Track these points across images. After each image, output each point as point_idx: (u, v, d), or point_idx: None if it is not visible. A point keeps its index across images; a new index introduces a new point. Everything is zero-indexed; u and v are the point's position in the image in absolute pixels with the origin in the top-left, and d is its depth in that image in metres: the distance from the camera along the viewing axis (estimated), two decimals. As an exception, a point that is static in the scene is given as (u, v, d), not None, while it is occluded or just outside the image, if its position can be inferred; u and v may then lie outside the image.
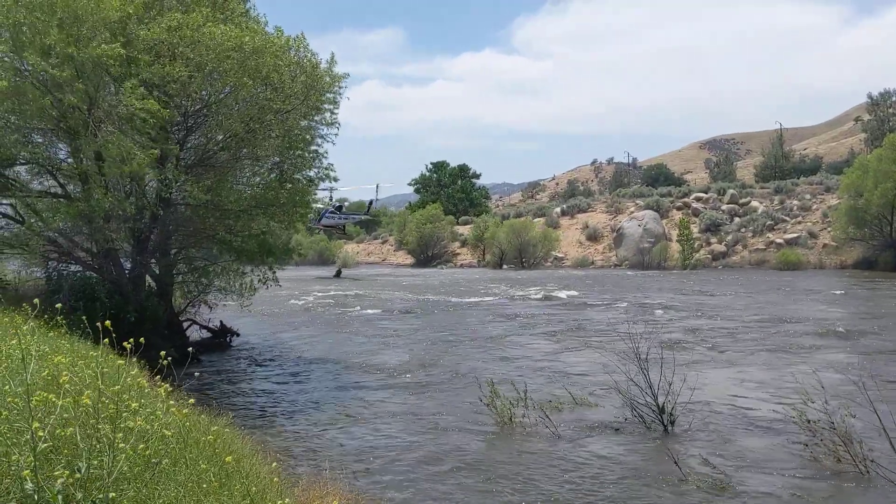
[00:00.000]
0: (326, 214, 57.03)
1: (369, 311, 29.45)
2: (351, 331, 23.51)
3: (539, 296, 34.53)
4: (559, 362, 16.79)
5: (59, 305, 4.00)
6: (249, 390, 14.79)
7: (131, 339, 3.85)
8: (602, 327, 22.37)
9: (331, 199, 55.93)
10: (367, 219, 74.62)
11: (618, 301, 30.86)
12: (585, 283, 42.15)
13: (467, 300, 33.34)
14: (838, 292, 33.20)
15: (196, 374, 8.44)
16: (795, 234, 54.27)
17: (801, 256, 51.25)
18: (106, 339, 3.85)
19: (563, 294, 34.96)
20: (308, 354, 19.13)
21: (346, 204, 67.36)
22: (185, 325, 19.36)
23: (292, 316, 28.32)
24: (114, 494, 3.00)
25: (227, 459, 3.94)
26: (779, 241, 54.37)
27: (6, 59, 13.43)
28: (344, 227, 65.74)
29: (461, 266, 68.91)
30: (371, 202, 71.87)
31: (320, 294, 37.55)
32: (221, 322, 20.51)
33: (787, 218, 57.02)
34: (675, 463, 8.70)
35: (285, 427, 11.73)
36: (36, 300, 3.84)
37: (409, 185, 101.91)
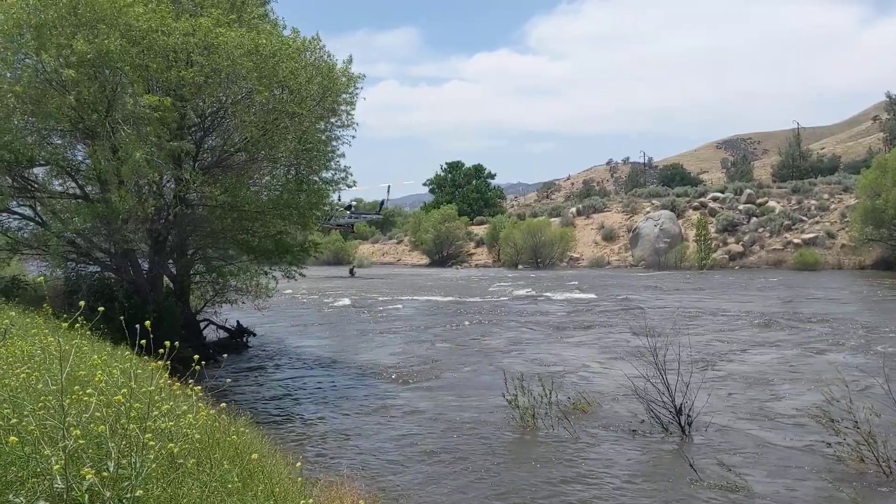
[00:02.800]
0: (335, 214, 57.42)
1: (384, 310, 29.50)
2: (366, 330, 23.57)
3: (555, 296, 34.46)
4: (576, 363, 16.76)
5: (100, 309, 4.02)
6: (266, 390, 14.85)
7: (167, 343, 3.88)
8: (618, 328, 22.29)
9: (339, 199, 56.28)
10: (379, 218, 76.16)
11: (634, 302, 30.75)
12: (601, 283, 42.02)
13: (483, 300, 33.33)
14: (857, 293, 32.93)
15: (228, 380, 8.49)
16: (813, 235, 53.82)
17: (819, 257, 50.80)
18: (143, 341, 3.89)
19: (579, 295, 34.88)
20: (323, 354, 19.19)
21: (353, 204, 67.81)
22: (203, 325, 19.48)
23: (307, 316, 28.40)
24: (142, 492, 3.03)
25: (252, 457, 3.96)
26: (796, 241, 53.93)
27: (27, 59, 13.57)
28: (353, 225, 66.74)
29: (476, 266, 68.88)
30: (382, 202, 73.61)
31: (335, 294, 37.63)
32: (238, 322, 20.61)
33: (805, 218, 56.54)
34: (691, 465, 8.67)
35: (302, 427, 11.78)
36: (82, 302, 3.87)
37: (424, 185, 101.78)
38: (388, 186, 77.34)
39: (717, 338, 19.82)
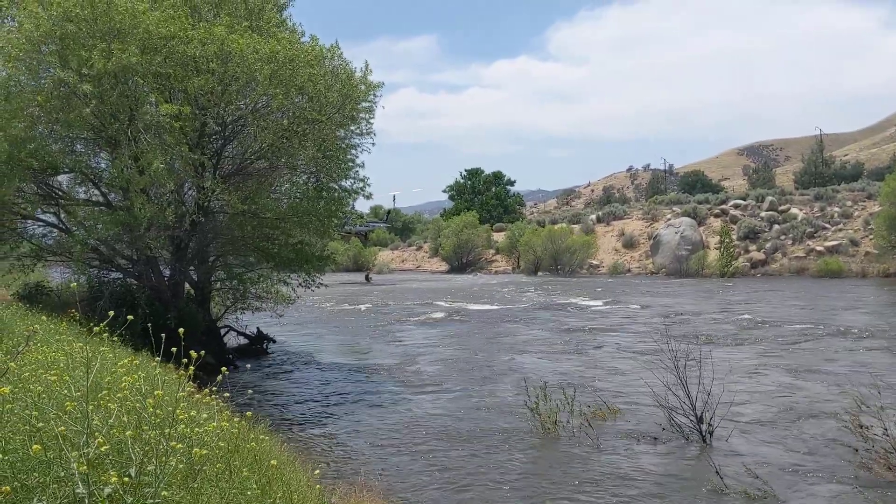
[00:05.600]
0: (349, 221, 58.17)
1: (402, 317, 29.51)
2: (383, 336, 23.59)
3: (575, 303, 34.34)
4: (596, 370, 16.68)
5: (130, 317, 4.09)
6: (285, 396, 14.91)
7: (193, 353, 3.92)
8: (639, 336, 22.17)
9: (352, 208, 56.97)
10: (385, 226, 78.58)
11: (655, 309, 30.57)
12: (621, 290, 41.81)
13: (502, 307, 33.26)
14: (882, 301, 32.55)
15: (249, 391, 8.56)
16: (836, 242, 53.20)
17: (843, 265, 50.19)
18: (174, 348, 3.93)
19: (599, 302, 34.73)
20: (342, 360, 19.24)
21: (366, 213, 69.19)
22: (223, 331, 19.59)
23: (325, 322, 28.48)
24: (166, 493, 3.05)
25: (272, 463, 3.97)
26: (819, 248, 53.33)
27: (51, 69, 13.75)
28: (366, 234, 67.84)
29: (496, 273, 68.77)
30: (388, 211, 76.48)
31: (352, 300, 37.71)
32: (258, 328, 20.72)
33: (828, 225, 55.91)
34: (717, 472, 8.58)
35: (321, 433, 11.80)
36: (111, 312, 3.92)
37: (444, 191, 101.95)
38: (394, 196, 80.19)
39: (739, 345, 19.65)
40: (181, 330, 4.00)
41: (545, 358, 18.72)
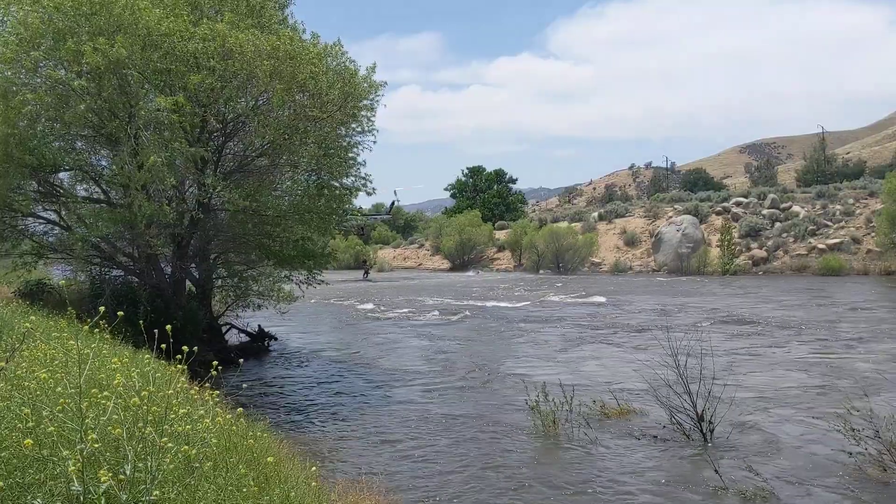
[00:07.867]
0: (347, 216, 58.65)
1: (402, 315, 29.50)
2: (384, 334, 23.59)
3: (577, 301, 34.32)
4: (597, 369, 16.67)
5: (120, 314, 4.10)
6: (286, 394, 14.91)
7: (184, 348, 3.92)
8: (640, 334, 22.15)
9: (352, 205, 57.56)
10: (389, 218, 79.36)
11: (656, 307, 30.54)
12: (623, 288, 41.77)
13: (504, 305, 33.23)
14: (883, 299, 32.48)
15: (244, 385, 8.56)
16: (838, 240, 53.10)
17: (844, 262, 50.09)
18: (163, 345, 3.93)
19: (600, 300, 34.69)
20: (342, 358, 19.23)
21: (368, 209, 69.94)
22: (224, 328, 19.59)
23: (326, 320, 28.49)
24: (158, 492, 3.05)
25: (268, 460, 3.96)
26: (821, 246, 53.23)
27: (47, 64, 13.74)
28: (363, 227, 68.39)
29: (497, 271, 68.72)
30: (392, 203, 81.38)
31: (354, 298, 37.69)
32: (259, 326, 20.72)
33: (830, 223, 55.79)
34: (716, 471, 8.57)
35: (321, 430, 11.80)
36: (101, 308, 3.91)
37: (446, 189, 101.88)
38: (395, 191, 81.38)
39: (740, 344, 19.62)
40: (168, 328, 4.00)
41: (545, 356, 18.70)
